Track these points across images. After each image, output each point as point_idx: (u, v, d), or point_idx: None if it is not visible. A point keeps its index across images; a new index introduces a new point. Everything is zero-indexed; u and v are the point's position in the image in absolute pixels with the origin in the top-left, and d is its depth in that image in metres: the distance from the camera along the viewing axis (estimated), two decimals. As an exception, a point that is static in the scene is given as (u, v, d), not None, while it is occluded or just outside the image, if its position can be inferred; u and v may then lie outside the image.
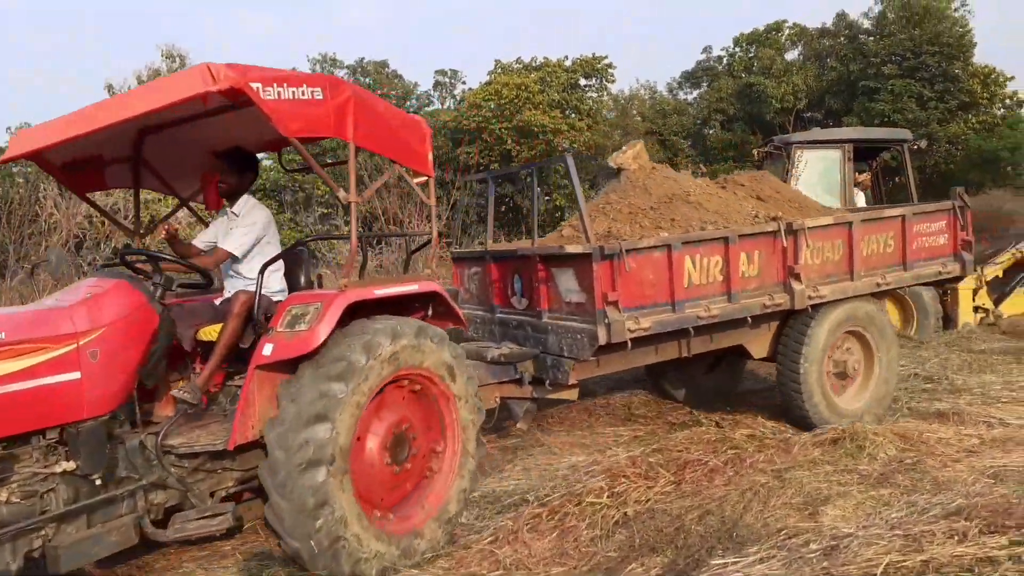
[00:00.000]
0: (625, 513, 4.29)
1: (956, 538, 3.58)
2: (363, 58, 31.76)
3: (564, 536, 4.05)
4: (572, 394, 5.35)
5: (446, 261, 7.79)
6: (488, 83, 24.76)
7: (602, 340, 4.61)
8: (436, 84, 33.25)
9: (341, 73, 31.18)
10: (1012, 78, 25.67)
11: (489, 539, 4.04)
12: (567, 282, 4.90)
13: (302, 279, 4.66)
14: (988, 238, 15.27)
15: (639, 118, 29.44)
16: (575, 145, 24.27)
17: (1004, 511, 3.74)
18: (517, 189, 24.51)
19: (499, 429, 5.79)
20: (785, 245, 5.22)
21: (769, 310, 5.22)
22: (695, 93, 32.19)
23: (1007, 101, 26.03)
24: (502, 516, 4.38)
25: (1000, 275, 9.97)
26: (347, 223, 4.06)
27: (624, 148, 6.27)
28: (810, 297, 5.30)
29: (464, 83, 32.68)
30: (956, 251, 6.32)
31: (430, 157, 4.41)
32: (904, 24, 25.44)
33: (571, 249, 4.84)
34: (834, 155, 9.46)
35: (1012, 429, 5.44)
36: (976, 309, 9.58)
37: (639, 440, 5.67)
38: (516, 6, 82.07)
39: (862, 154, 10.25)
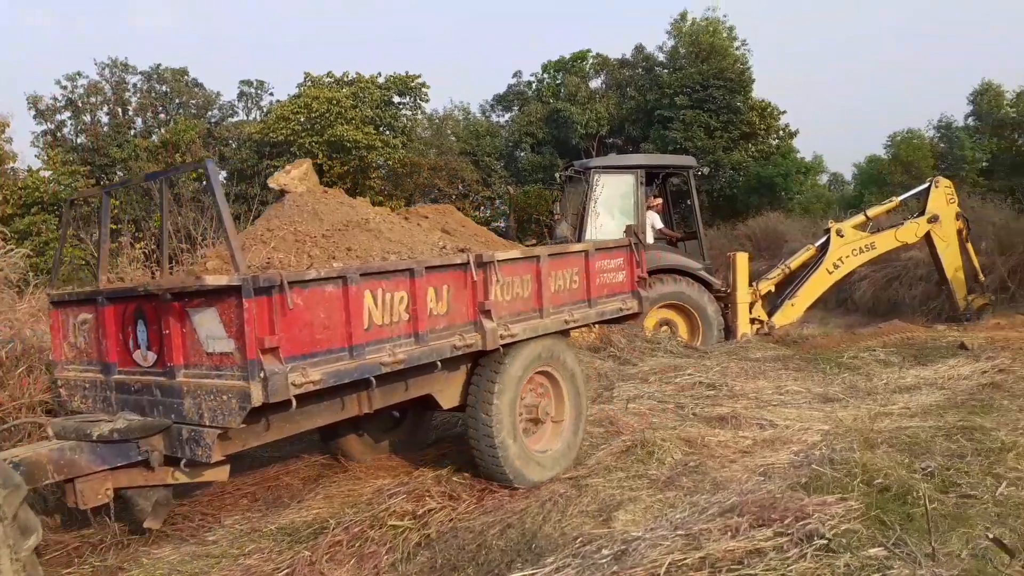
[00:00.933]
0: (428, 535, 4.28)
1: (730, 533, 3.88)
2: (159, 64, 29.74)
3: (363, 563, 3.96)
4: (220, 474, 4.23)
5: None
6: (298, 96, 24.09)
7: (257, 400, 3.56)
8: (241, 95, 31.86)
9: (134, 80, 29.03)
10: (785, 112, 28.80)
11: (284, 574, 3.87)
12: (209, 326, 3.77)
13: None
14: (767, 256, 17.02)
15: (453, 138, 29.87)
16: (390, 162, 24.20)
17: (770, 505, 4.10)
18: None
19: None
20: (475, 279, 4.68)
21: (460, 352, 4.57)
22: (507, 116, 33.18)
23: (781, 132, 29.08)
24: (300, 547, 4.20)
25: (772, 289, 11.05)
26: None
27: (287, 167, 5.47)
28: (502, 336, 4.77)
29: (272, 95, 31.60)
30: (634, 288, 6.13)
31: None
32: (693, 59, 27.76)
33: (212, 282, 3.69)
34: (629, 179, 10.10)
35: (780, 430, 6.01)
36: (752, 321, 10.55)
37: (446, 459, 5.67)
38: (328, 20, 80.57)
39: (653, 179, 11.04)
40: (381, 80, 26.00)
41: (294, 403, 3.68)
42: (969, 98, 39.88)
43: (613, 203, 10.18)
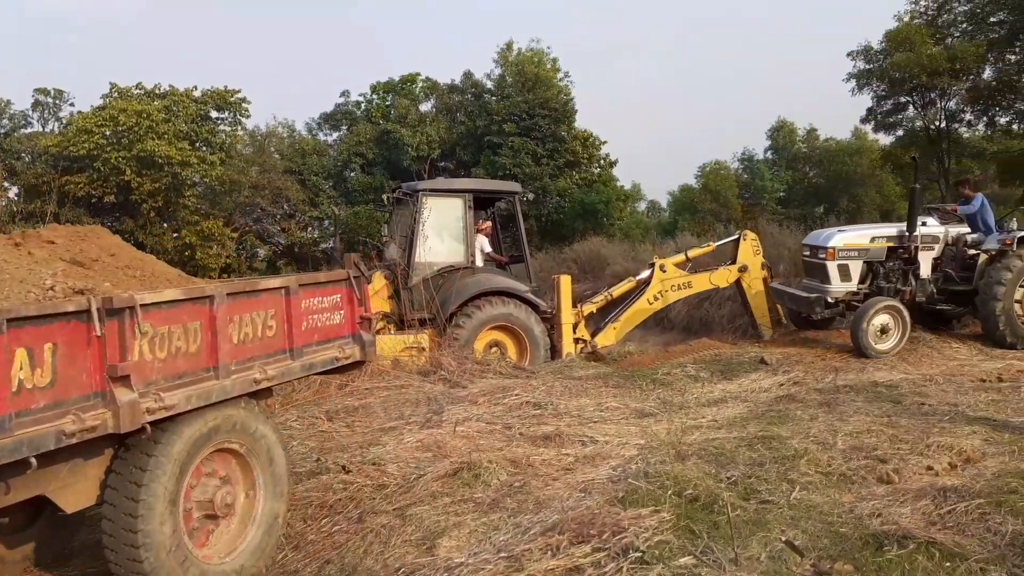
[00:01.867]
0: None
1: (551, 552, 3.93)
2: (-67, 66, 26.46)
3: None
4: None
5: None
6: (102, 107, 22.28)
7: None
8: (36, 104, 28.90)
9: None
10: (606, 142, 30.34)
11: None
12: None
13: None
14: (591, 278, 17.74)
15: (277, 155, 28.84)
16: (207, 179, 22.94)
17: (589, 521, 4.20)
18: (139, 224, 22.32)
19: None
20: (102, 333, 3.36)
21: (76, 439, 3.22)
22: (335, 135, 32.54)
23: (602, 161, 30.56)
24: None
25: (595, 311, 11.49)
26: None
27: None
28: (150, 411, 3.51)
29: (72, 105, 28.94)
30: (355, 331, 5.21)
31: None
32: (520, 88, 28.63)
33: None
34: (457, 203, 10.17)
35: (600, 446, 6.20)
36: (577, 341, 10.90)
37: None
38: (134, 29, 75.65)
39: (482, 203, 11.19)
40: (197, 94, 24.66)
41: None
42: (767, 133, 44.17)
43: (442, 226, 10.20)
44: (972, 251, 9.84)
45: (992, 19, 22.04)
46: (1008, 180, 23.48)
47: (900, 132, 25.58)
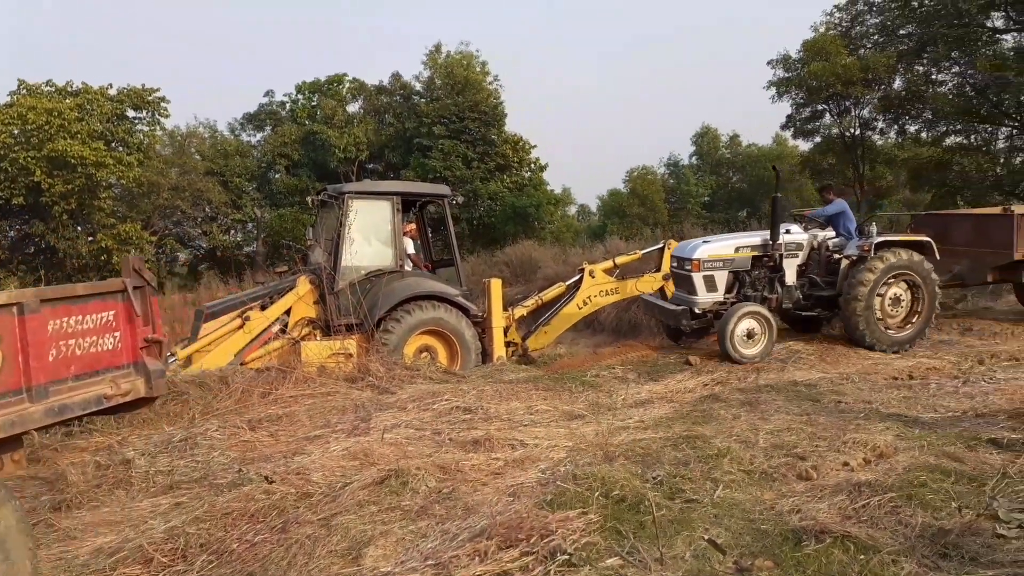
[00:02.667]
0: (154, 596, 3.82)
1: (479, 558, 3.90)
2: None
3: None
4: None
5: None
6: (9, 105, 21.18)
7: None
8: (-66, 100, 27.36)
9: None
10: (535, 146, 30.52)
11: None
12: None
13: None
14: (523, 281, 17.79)
15: (198, 156, 27.98)
16: (123, 181, 22.06)
17: (517, 525, 4.18)
18: (50, 228, 21.30)
19: None
20: None
21: None
22: (259, 136, 31.76)
23: (532, 165, 30.72)
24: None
25: (526, 315, 11.52)
26: None
27: None
28: None
29: (-25, 102, 27.47)
30: (136, 359, 4.25)
31: None
32: (449, 91, 28.53)
33: None
34: (384, 206, 10.03)
35: (529, 449, 6.19)
36: (508, 344, 10.90)
37: (181, 508, 5.15)
38: (46, 23, 72.42)
39: (410, 206, 11.08)
40: (112, 92, 23.69)
41: None
42: (692, 139, 45.28)
43: (368, 229, 10.05)
44: (836, 256, 10.04)
45: (901, 31, 23.10)
46: (918, 186, 24.61)
47: (818, 139, 26.54)
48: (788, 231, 10.06)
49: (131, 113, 24.20)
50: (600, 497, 4.60)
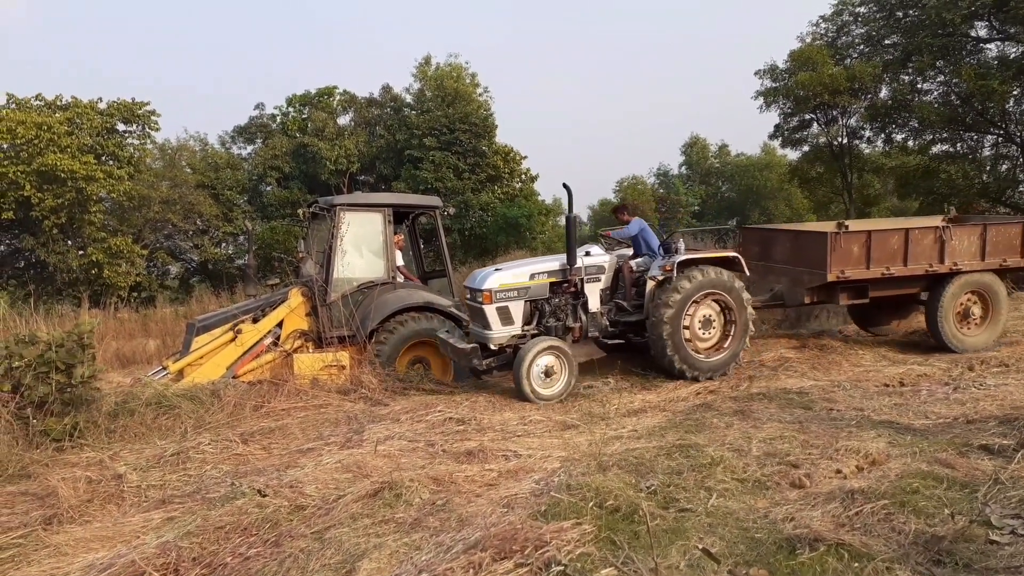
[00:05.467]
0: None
1: (473, 570, 3.89)
2: None
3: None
4: None
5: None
6: (-2, 119, 21.12)
7: None
8: (-76, 113, 27.21)
9: None
10: (526, 157, 30.58)
11: None
12: None
13: None
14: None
15: (189, 169, 27.92)
16: (113, 195, 21.97)
17: (511, 537, 4.18)
18: (40, 242, 21.18)
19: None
20: None
21: None
22: (250, 148, 31.70)
23: (523, 176, 30.78)
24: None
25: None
26: None
27: None
28: None
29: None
30: None
31: None
32: (440, 102, 28.60)
33: None
34: (376, 218, 10.04)
35: (523, 460, 6.19)
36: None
37: (173, 523, 5.12)
38: (36, 38, 72.30)
39: (402, 218, 11.10)
40: (103, 106, 23.63)
41: None
42: (681, 149, 45.54)
43: (360, 241, 10.05)
44: (643, 278, 9.28)
45: (887, 41, 23.33)
46: (905, 194, 24.78)
47: (806, 148, 26.70)
48: (588, 253, 9.32)
49: (121, 127, 24.13)
50: (594, 507, 4.60)
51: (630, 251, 9.80)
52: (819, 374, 9.07)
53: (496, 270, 9.11)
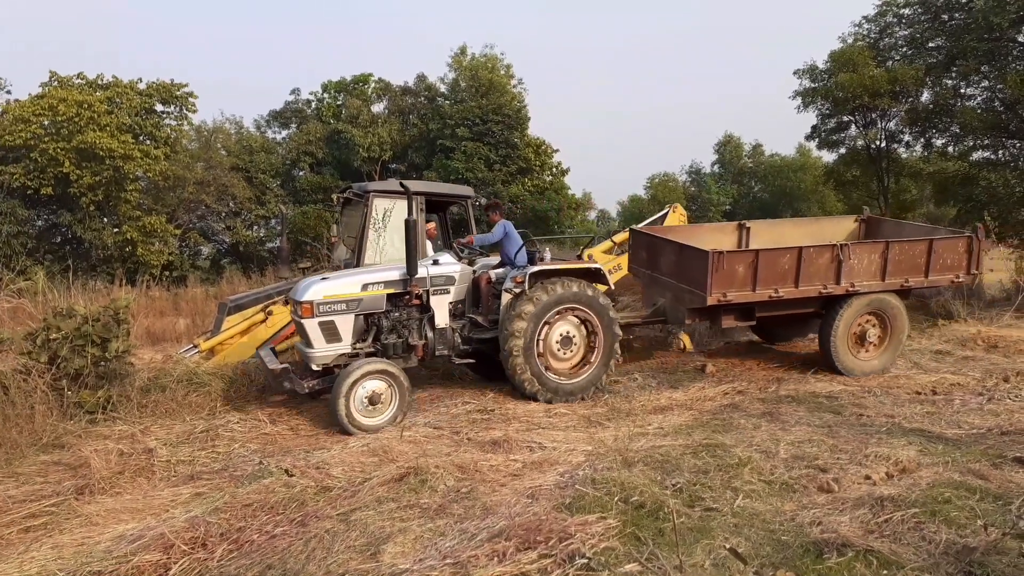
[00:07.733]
0: (175, 585, 3.86)
1: (497, 559, 3.90)
2: None
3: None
4: None
5: None
6: (41, 96, 21.45)
7: None
8: (-36, 88, 27.67)
9: None
10: (558, 150, 30.46)
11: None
12: None
13: None
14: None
15: (224, 152, 28.18)
16: (150, 174, 22.25)
17: (536, 528, 4.18)
18: (77, 219, 21.53)
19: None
20: None
21: None
22: (284, 133, 31.92)
23: (554, 169, 30.66)
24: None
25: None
26: None
27: None
28: None
29: (9, 93, 27.77)
30: None
31: None
32: (473, 93, 28.56)
33: None
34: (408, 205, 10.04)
35: (548, 452, 6.19)
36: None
37: (201, 498, 5.20)
38: (75, 16, 73.39)
39: (433, 206, 11.10)
40: (142, 86, 23.92)
41: None
42: (714, 148, 45.08)
43: (393, 229, 10.08)
44: (498, 289, 8.45)
45: (930, 44, 22.85)
46: (943, 200, 24.32)
47: (843, 150, 26.29)
48: (436, 262, 8.46)
49: (159, 107, 24.38)
50: (619, 502, 4.59)
51: (487, 263, 9.00)
52: (849, 379, 8.95)
53: (323, 279, 8.01)
